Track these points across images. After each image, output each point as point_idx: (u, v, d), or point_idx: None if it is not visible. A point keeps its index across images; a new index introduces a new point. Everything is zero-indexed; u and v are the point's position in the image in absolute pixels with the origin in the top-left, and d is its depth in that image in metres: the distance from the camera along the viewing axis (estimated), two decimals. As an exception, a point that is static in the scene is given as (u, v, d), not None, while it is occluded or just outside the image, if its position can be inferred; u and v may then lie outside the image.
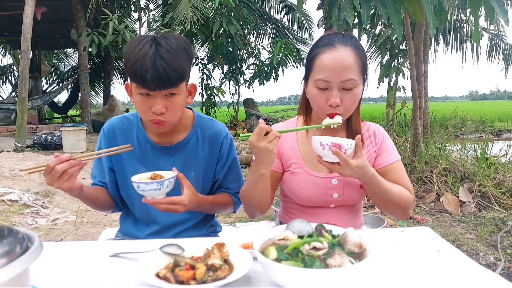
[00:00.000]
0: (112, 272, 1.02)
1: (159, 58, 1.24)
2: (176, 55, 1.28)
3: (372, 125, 1.54)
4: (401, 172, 1.47)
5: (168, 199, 1.30)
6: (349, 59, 1.30)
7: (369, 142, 1.50)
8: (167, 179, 1.26)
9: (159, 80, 1.25)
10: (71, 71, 18.50)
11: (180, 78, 1.30)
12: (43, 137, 8.47)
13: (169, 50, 1.27)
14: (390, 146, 1.51)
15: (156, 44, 1.27)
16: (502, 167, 4.74)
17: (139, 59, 1.24)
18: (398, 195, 1.37)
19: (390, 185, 1.37)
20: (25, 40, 7.58)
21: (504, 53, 13.99)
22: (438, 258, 1.10)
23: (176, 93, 1.32)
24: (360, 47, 1.36)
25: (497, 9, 3.10)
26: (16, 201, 3.92)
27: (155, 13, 12.81)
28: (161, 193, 1.28)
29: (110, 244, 1.25)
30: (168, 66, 1.25)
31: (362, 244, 0.92)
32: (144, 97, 1.32)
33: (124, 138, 1.52)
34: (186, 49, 1.33)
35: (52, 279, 0.99)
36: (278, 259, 0.89)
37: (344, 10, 3.68)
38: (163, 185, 1.25)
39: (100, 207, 1.54)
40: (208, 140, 1.55)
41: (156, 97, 1.30)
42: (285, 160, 1.50)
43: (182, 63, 1.29)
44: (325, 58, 1.32)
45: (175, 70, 1.27)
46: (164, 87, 1.28)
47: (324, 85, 1.32)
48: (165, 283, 0.88)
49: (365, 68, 1.37)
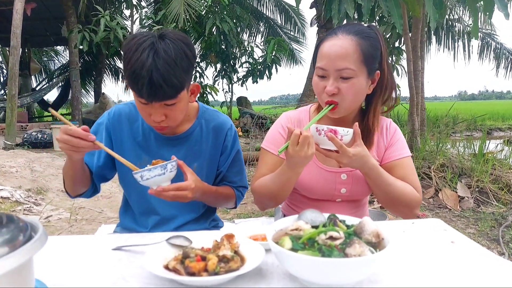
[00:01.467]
0: (115, 266, 0.97)
1: (156, 72, 1.18)
2: (174, 66, 1.21)
3: (384, 120, 1.50)
4: (409, 169, 1.42)
5: (175, 185, 1.25)
6: (346, 47, 1.26)
7: (379, 136, 1.46)
8: (170, 163, 1.22)
9: (155, 94, 1.21)
10: (62, 68, 18.29)
11: (178, 90, 1.24)
12: (33, 135, 8.36)
13: (167, 60, 1.20)
14: (401, 140, 1.46)
15: (154, 52, 1.19)
16: (498, 163, 4.76)
17: (136, 71, 1.19)
18: (401, 191, 1.33)
19: (393, 179, 1.33)
20: (15, 36, 7.47)
21: (495, 52, 14.15)
22: (453, 248, 1.08)
23: (175, 102, 1.27)
24: (366, 37, 1.29)
25: (497, 3, 3.09)
26: (8, 198, 3.83)
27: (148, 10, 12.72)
28: (166, 179, 1.23)
29: (111, 238, 1.21)
30: (165, 81, 1.19)
31: (380, 234, 0.89)
32: (143, 105, 1.27)
33: (129, 125, 1.49)
34: (186, 53, 1.25)
35: (55, 273, 0.94)
36: (294, 249, 0.85)
37: (345, 2, 3.65)
38: (166, 168, 1.20)
39: (79, 182, 1.46)
40: (213, 132, 1.52)
41: (154, 106, 1.26)
42: None
43: (180, 75, 1.23)
44: (326, 45, 1.30)
45: (173, 85, 1.21)
46: (161, 99, 1.24)
47: (322, 73, 1.30)
48: (175, 275, 0.84)
49: (371, 59, 1.30)
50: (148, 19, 10.31)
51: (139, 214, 1.55)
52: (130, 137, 1.48)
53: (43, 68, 19.19)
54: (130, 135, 1.48)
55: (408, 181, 1.38)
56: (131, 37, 1.26)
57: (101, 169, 1.50)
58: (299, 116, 1.52)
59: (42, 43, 17.28)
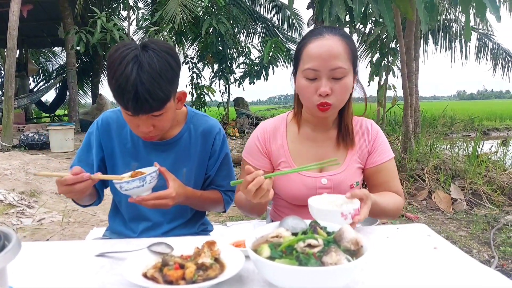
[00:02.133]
0: (97, 273, 0.98)
1: (141, 86, 1.18)
2: (158, 79, 1.21)
3: (366, 121, 1.50)
4: (393, 172, 1.44)
5: (155, 194, 1.27)
6: (337, 47, 1.27)
7: (361, 140, 1.46)
8: (149, 174, 1.24)
9: (141, 108, 1.22)
10: (59, 70, 18.30)
11: (164, 102, 1.25)
12: (30, 136, 8.35)
13: (151, 73, 1.19)
14: (384, 143, 1.46)
15: (138, 66, 1.19)
16: (492, 165, 4.76)
17: (121, 85, 1.19)
18: (393, 209, 1.37)
19: (386, 204, 1.34)
20: (11, 38, 7.46)
21: (492, 52, 14.15)
22: (435, 255, 1.08)
23: (162, 113, 1.28)
24: (349, 37, 1.32)
25: (488, 5, 3.09)
26: (1, 201, 3.82)
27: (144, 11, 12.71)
28: (146, 190, 1.25)
29: (96, 244, 1.21)
30: (150, 95, 1.19)
31: (359, 241, 0.89)
32: (130, 116, 1.28)
33: (118, 132, 1.50)
34: (170, 64, 1.25)
35: (33, 280, 0.94)
36: (272, 257, 0.85)
37: (336, 5, 3.65)
38: (145, 180, 1.22)
39: (88, 199, 1.49)
40: (201, 136, 1.53)
41: (142, 118, 1.27)
42: (274, 159, 1.47)
43: (165, 87, 1.23)
44: (313, 46, 1.28)
45: (158, 98, 1.22)
46: (147, 112, 1.25)
47: (313, 75, 1.28)
48: (153, 283, 0.84)
49: (355, 59, 1.33)
50: (144, 20, 10.32)
51: (129, 220, 1.55)
52: (120, 144, 1.49)
53: (40, 69, 19.18)
54: (119, 142, 1.49)
55: (392, 186, 1.41)
56: (114, 49, 1.25)
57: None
58: (275, 125, 1.51)
59: (39, 44, 17.29)
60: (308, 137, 1.46)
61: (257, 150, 1.48)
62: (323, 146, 1.45)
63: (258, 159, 1.48)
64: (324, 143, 1.45)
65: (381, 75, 6.98)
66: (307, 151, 1.45)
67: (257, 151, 1.48)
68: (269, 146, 1.47)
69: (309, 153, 1.44)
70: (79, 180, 1.21)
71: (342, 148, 1.44)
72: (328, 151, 1.44)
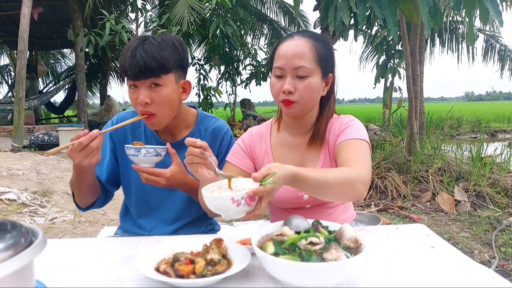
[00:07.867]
0: (112, 268, 1.04)
1: (141, 50, 1.32)
2: (159, 47, 1.34)
3: (345, 116, 1.48)
4: (355, 149, 1.30)
5: (150, 169, 1.35)
6: (302, 47, 1.32)
7: (332, 135, 1.43)
8: (145, 148, 1.31)
9: (136, 68, 1.31)
10: (68, 71, 18.46)
11: (160, 67, 1.34)
12: (40, 137, 8.47)
13: (153, 43, 1.34)
14: (353, 127, 1.39)
15: (143, 40, 1.34)
16: (497, 167, 4.77)
17: (124, 53, 1.34)
18: (337, 181, 1.16)
19: (322, 176, 1.14)
20: (22, 40, 7.58)
21: (499, 54, 14.07)
22: (432, 254, 1.12)
23: (160, 84, 1.36)
24: (322, 40, 1.37)
25: (491, 10, 3.12)
26: (14, 200, 3.92)
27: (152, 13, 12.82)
28: (142, 161, 1.32)
29: (109, 241, 1.27)
30: (147, 55, 1.31)
31: (358, 239, 0.95)
32: (132, 89, 1.38)
33: (132, 131, 1.58)
34: (174, 43, 1.38)
35: (55, 274, 1.00)
36: (276, 254, 0.91)
37: (341, 10, 3.70)
38: (139, 152, 1.30)
39: (91, 190, 1.51)
40: (210, 136, 1.58)
41: (141, 87, 1.36)
42: (258, 164, 1.50)
43: (164, 54, 1.34)
44: (282, 47, 1.36)
45: (154, 59, 1.32)
46: (144, 76, 1.33)
47: (279, 73, 1.35)
48: (166, 277, 0.90)
49: (324, 61, 1.36)
50: (152, 22, 10.42)
51: (138, 218, 1.61)
52: None
53: (50, 71, 19.36)
54: (133, 140, 1.54)
55: (351, 161, 1.26)
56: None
57: (111, 174, 1.59)
58: (260, 130, 1.55)
59: (49, 46, 17.49)
60: (287, 142, 1.49)
61: (240, 150, 1.51)
62: (299, 150, 1.47)
63: (240, 159, 1.49)
64: (301, 147, 1.47)
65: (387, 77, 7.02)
66: (287, 156, 1.48)
67: (240, 151, 1.51)
68: (253, 150, 1.51)
69: (289, 158, 1.47)
70: (92, 137, 1.24)
71: (314, 148, 1.45)
72: (303, 154, 1.47)
